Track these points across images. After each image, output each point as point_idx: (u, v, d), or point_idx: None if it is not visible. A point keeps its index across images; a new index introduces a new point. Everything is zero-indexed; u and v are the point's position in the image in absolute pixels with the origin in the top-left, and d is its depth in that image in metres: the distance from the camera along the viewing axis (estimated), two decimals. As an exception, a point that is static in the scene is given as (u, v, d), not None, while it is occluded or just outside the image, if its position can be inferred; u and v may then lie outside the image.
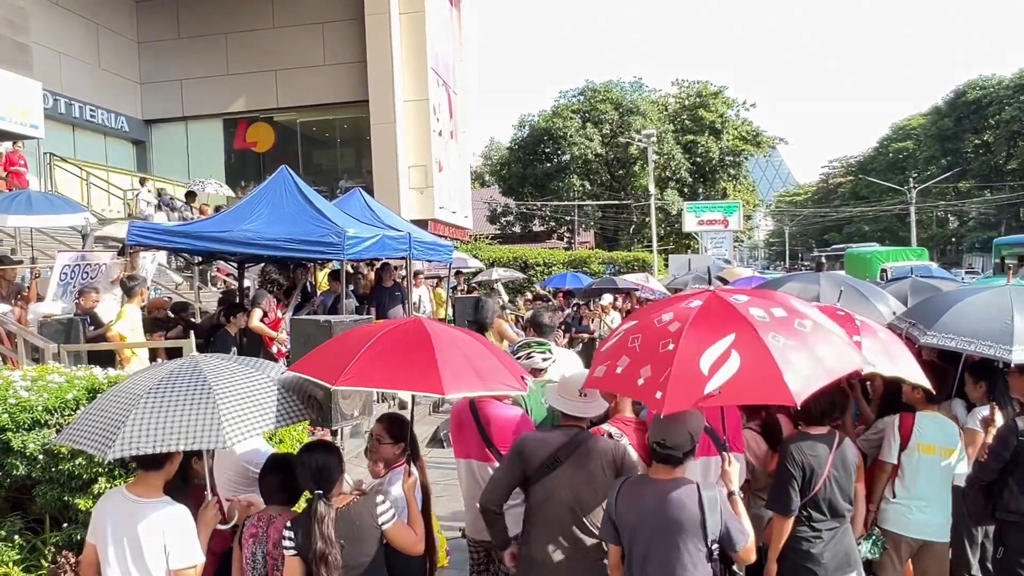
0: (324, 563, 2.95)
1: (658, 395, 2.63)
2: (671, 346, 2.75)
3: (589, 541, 3.40)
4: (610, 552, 3.22)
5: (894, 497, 4.20)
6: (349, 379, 2.97)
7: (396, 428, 3.64)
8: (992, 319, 4.06)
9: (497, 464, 3.99)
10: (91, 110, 21.76)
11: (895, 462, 4.18)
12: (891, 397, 4.48)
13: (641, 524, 3.02)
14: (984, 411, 4.70)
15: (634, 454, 3.53)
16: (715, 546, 2.97)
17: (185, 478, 3.32)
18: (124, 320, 7.53)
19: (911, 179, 55.08)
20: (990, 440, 4.14)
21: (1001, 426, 4.10)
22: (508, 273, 21.68)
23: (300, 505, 3.37)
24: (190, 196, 17.47)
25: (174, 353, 7.14)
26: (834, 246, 41.29)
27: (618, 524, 3.09)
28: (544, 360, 4.45)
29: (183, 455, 3.16)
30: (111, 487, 4.36)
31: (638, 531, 3.02)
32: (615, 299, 14.75)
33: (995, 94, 56.54)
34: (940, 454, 4.13)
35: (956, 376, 4.75)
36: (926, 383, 3.75)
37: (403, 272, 11.21)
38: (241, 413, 2.93)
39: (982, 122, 58.11)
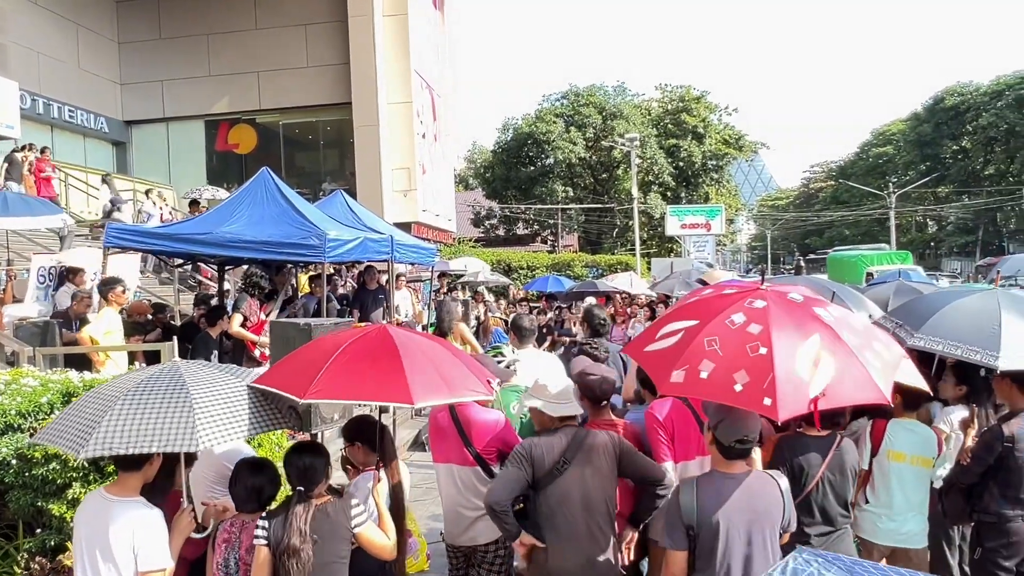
0: (296, 557, 2.97)
1: (767, 401, 2.60)
2: (763, 350, 2.72)
3: (604, 539, 3.46)
4: (673, 560, 3.02)
5: (866, 503, 4.20)
6: (317, 392, 2.95)
7: (362, 431, 3.65)
8: (979, 324, 4.05)
9: (478, 468, 3.98)
10: (70, 111, 21.51)
11: (866, 467, 4.19)
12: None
13: (734, 522, 2.94)
14: (955, 412, 4.75)
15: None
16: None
17: (169, 482, 3.29)
18: (97, 323, 7.44)
19: (891, 184, 55.77)
20: (969, 443, 4.18)
21: (985, 431, 4.12)
22: (494, 276, 21.68)
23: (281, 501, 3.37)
24: (193, 205, 17.19)
25: (153, 356, 7.06)
26: (838, 247, 41.45)
27: (699, 526, 2.95)
28: (511, 366, 4.51)
29: (168, 459, 3.15)
30: (86, 492, 4.31)
31: (731, 529, 2.94)
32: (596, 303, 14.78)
33: (972, 100, 57.34)
34: (912, 462, 4.10)
35: (931, 378, 4.79)
36: (924, 385, 3.75)
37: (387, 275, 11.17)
38: (216, 418, 2.93)
39: (960, 128, 58.90)
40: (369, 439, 3.63)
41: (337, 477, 5.16)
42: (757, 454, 3.28)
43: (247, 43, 23.20)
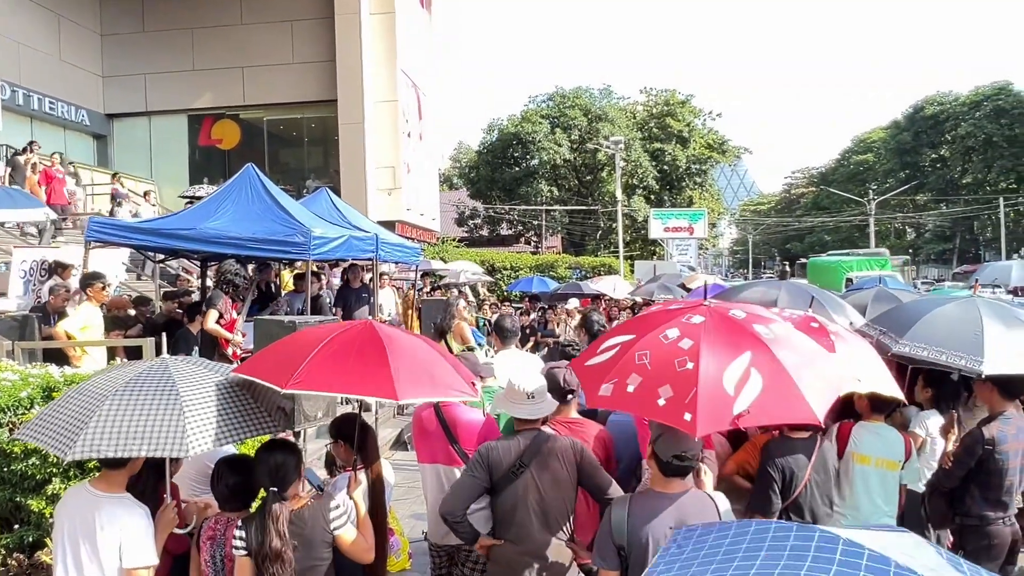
0: (279, 561, 2.91)
1: (687, 416, 2.57)
2: (690, 365, 2.69)
3: (555, 541, 3.43)
4: None
5: (832, 506, 4.28)
6: (299, 383, 2.90)
7: (344, 429, 3.64)
8: (962, 331, 4.13)
9: (464, 467, 4.00)
10: (51, 102, 21.24)
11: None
12: (848, 402, 4.57)
13: (663, 542, 2.87)
14: (931, 417, 4.84)
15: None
16: None
17: (157, 477, 3.27)
18: (74, 318, 7.35)
19: (871, 191, 56.39)
20: (950, 447, 4.25)
21: (967, 435, 4.20)
22: (476, 275, 21.67)
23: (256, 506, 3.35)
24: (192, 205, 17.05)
25: (134, 352, 7.00)
26: (831, 252, 41.69)
27: (630, 545, 2.88)
28: (488, 355, 4.52)
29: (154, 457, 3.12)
30: (66, 488, 4.28)
31: (660, 549, 2.90)
32: (580, 304, 14.86)
33: (952, 110, 58.12)
34: (876, 465, 4.12)
35: (906, 383, 4.88)
36: (899, 395, 3.80)
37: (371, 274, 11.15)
38: (206, 422, 2.90)
39: (939, 137, 59.68)
40: (350, 437, 3.63)
41: (321, 475, 5.17)
42: (709, 477, 3.21)
43: (232, 38, 23.02)
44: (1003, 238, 49.50)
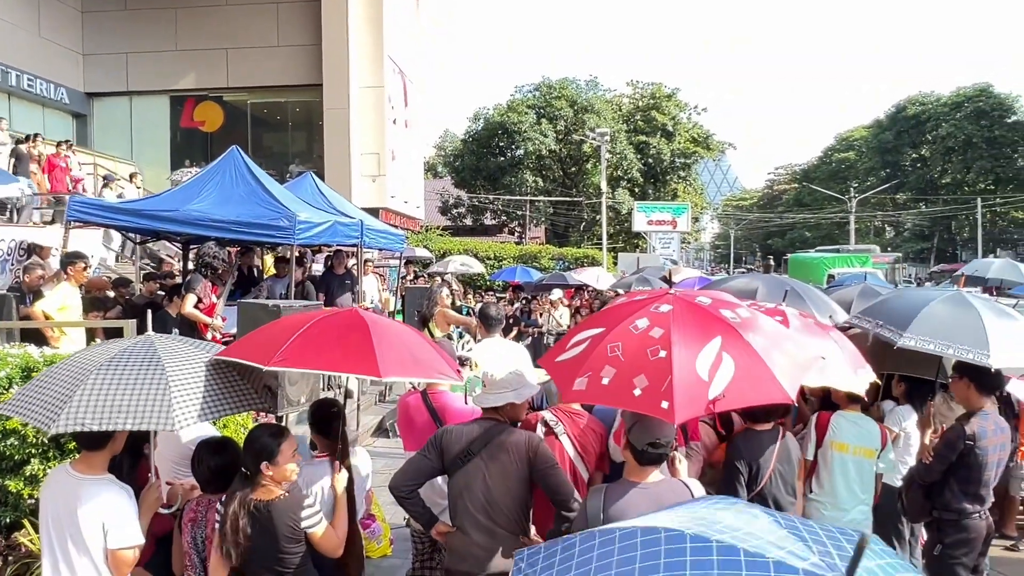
0: (236, 533, 2.93)
1: (664, 404, 2.57)
2: (663, 353, 2.69)
3: (502, 533, 3.38)
4: None
5: (811, 493, 4.34)
6: (283, 360, 2.90)
7: (316, 415, 3.64)
8: (965, 325, 4.18)
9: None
10: (29, 79, 20.83)
11: (811, 458, 4.32)
12: (829, 395, 4.64)
13: None
14: (903, 412, 4.94)
15: (548, 448, 3.52)
16: None
17: (135, 458, 3.24)
18: (51, 297, 7.24)
19: (852, 189, 56.91)
20: (927, 440, 4.32)
21: (948, 430, 4.27)
22: (464, 266, 21.54)
23: None
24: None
25: (113, 334, 6.91)
26: (819, 248, 41.78)
27: None
28: (465, 348, 4.53)
29: (134, 435, 3.09)
30: (45, 468, 4.23)
31: None
32: (563, 295, 14.89)
33: (933, 111, 58.70)
34: (855, 453, 4.24)
35: (885, 378, 4.95)
36: (855, 389, 3.86)
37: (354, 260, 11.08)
38: (193, 397, 2.88)
39: (920, 137, 60.30)
40: (320, 423, 3.61)
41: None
42: (684, 465, 3.23)
43: (216, 19, 22.68)
44: (980, 238, 50.22)
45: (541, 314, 14.48)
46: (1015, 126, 54.90)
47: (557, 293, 14.71)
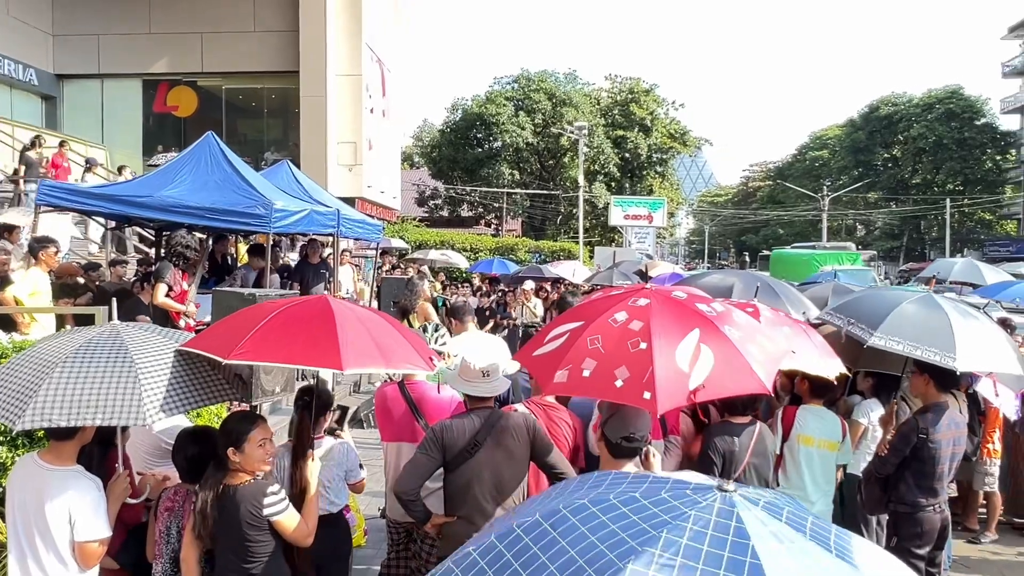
0: (202, 524, 2.94)
1: (646, 395, 2.61)
2: (643, 345, 2.73)
3: (503, 514, 3.45)
4: None
5: (777, 486, 4.41)
6: (243, 353, 2.87)
7: (298, 401, 3.63)
8: (934, 327, 4.24)
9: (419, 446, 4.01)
10: (-5, 59, 20.36)
11: (777, 452, 4.40)
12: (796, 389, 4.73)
13: None
14: (871, 406, 5.05)
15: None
16: None
17: (105, 448, 3.20)
18: (22, 283, 7.11)
19: (825, 187, 57.61)
20: (889, 437, 4.42)
21: (903, 423, 4.37)
22: (444, 256, 21.45)
23: None
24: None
25: (84, 320, 6.80)
26: (796, 245, 41.87)
27: None
28: (438, 342, 4.54)
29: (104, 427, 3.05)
30: (13, 456, 4.16)
31: None
32: (538, 286, 14.93)
33: (905, 111, 59.52)
34: (819, 446, 4.32)
35: (852, 373, 5.06)
36: (824, 374, 3.94)
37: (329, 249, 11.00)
38: (163, 390, 2.83)
39: (892, 137, 61.14)
40: (307, 407, 3.61)
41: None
42: (657, 459, 3.28)
43: (191, 3, 22.24)
44: (948, 238, 51.15)
45: (516, 307, 14.46)
46: (984, 128, 55.93)
47: (530, 284, 14.78)
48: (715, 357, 2.72)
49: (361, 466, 4.02)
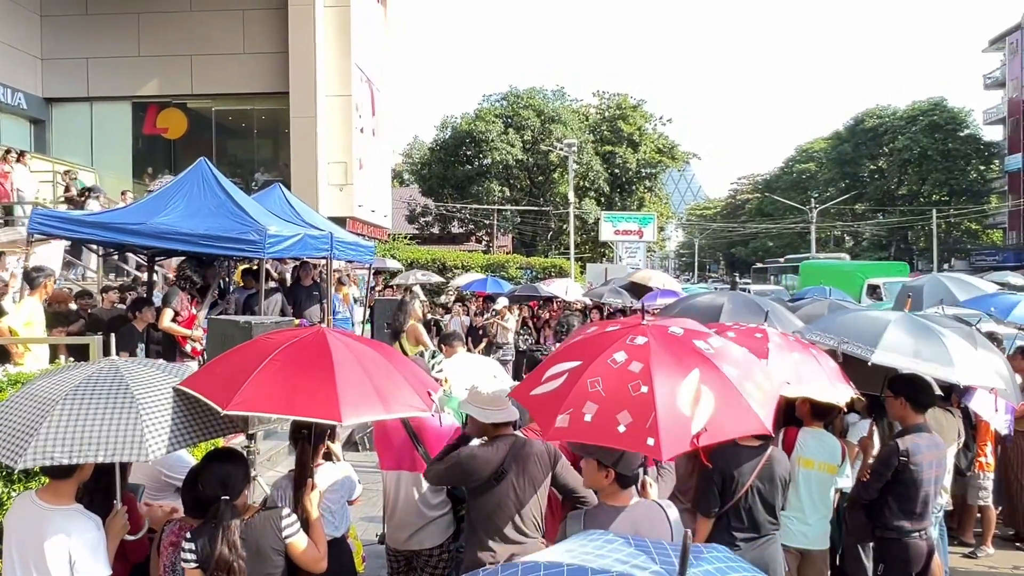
0: (228, 571, 2.86)
1: (650, 442, 2.59)
2: (644, 388, 2.70)
3: (528, 540, 3.53)
4: None
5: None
6: (241, 404, 2.83)
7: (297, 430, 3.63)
8: (931, 343, 4.30)
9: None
10: (-16, 83, 20.34)
11: None
12: (792, 411, 4.75)
13: None
14: (864, 427, 5.06)
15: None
16: None
17: (107, 487, 3.19)
18: (17, 313, 7.08)
19: (812, 199, 58.06)
20: (871, 461, 4.44)
21: (883, 448, 4.38)
22: (425, 276, 21.60)
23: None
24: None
25: (77, 350, 6.78)
26: (788, 257, 41.74)
27: None
28: (435, 369, 4.58)
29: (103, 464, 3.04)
30: (8, 492, 4.14)
31: None
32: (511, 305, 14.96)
33: (890, 123, 60.16)
34: (819, 468, 4.33)
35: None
36: (834, 400, 3.97)
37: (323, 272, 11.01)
38: (164, 425, 2.83)
39: (878, 149, 61.72)
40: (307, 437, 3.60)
41: (270, 476, 5.10)
42: (655, 489, 3.35)
43: (180, 24, 22.33)
44: (935, 248, 51.56)
45: (492, 326, 14.29)
46: (968, 139, 56.57)
47: (503, 301, 14.78)
48: (715, 399, 2.72)
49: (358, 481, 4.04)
